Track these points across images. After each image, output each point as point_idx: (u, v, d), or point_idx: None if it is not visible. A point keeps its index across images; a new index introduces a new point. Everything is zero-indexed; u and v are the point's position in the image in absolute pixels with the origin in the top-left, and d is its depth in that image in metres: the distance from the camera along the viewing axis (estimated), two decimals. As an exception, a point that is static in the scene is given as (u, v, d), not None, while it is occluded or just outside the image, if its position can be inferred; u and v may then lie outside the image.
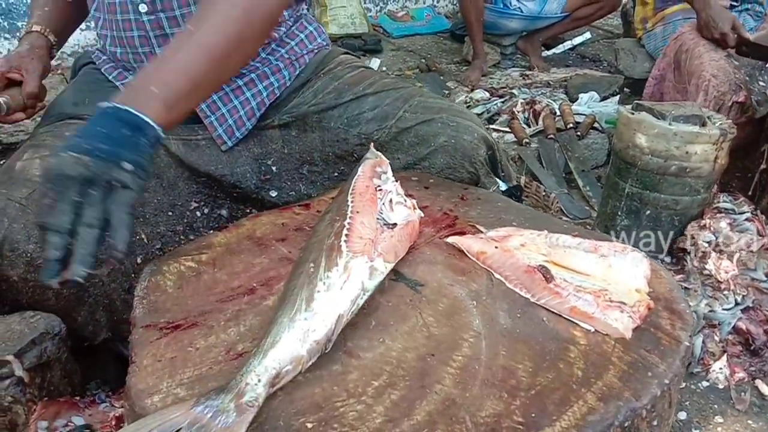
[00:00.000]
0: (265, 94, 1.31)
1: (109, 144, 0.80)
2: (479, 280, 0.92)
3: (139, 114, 0.84)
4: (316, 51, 1.39)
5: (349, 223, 0.89)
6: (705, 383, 1.50)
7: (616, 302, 0.85)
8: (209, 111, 1.28)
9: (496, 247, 0.93)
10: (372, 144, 1.16)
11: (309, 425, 0.69)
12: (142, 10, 1.19)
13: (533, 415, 0.70)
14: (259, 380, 0.70)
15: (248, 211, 1.34)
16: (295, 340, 0.74)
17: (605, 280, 0.89)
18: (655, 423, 0.76)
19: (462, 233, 1.03)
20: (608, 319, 0.83)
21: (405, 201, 1.01)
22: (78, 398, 1.18)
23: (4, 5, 3.37)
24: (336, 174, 1.34)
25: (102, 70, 1.33)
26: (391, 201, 0.99)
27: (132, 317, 0.88)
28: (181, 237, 1.21)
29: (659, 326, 0.85)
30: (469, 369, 0.77)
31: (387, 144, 1.29)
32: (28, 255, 1.10)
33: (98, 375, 1.36)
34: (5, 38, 3.42)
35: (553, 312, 0.86)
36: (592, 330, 0.83)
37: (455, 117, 1.29)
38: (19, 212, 1.10)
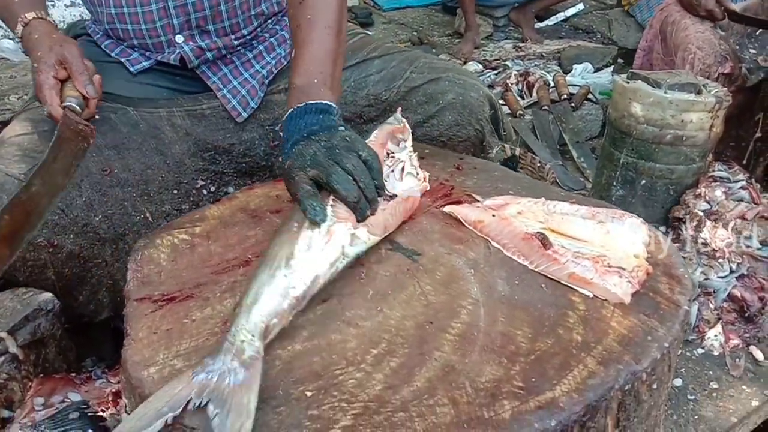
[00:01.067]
0: (273, 63, 1.32)
1: (318, 124, 0.93)
2: (476, 248, 0.92)
3: (320, 101, 0.97)
4: None
5: None
6: (700, 350, 1.51)
7: (614, 267, 0.84)
8: (221, 83, 1.27)
9: (493, 215, 0.92)
10: (400, 109, 1.15)
11: (308, 393, 0.68)
12: None
13: (533, 379, 0.70)
14: (253, 336, 0.70)
15: None
16: (276, 296, 0.75)
17: (603, 246, 0.88)
18: (654, 386, 0.76)
19: (458, 202, 1.02)
20: (607, 285, 0.83)
21: (417, 173, 0.99)
22: (74, 375, 1.17)
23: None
24: None
25: (102, 45, 1.30)
26: (402, 170, 0.97)
27: (125, 290, 0.87)
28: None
29: (658, 291, 0.84)
30: (468, 336, 0.76)
31: (395, 103, 1.30)
32: None
33: (94, 352, 1.36)
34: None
35: (551, 279, 0.85)
36: (591, 296, 0.83)
37: (461, 75, 1.32)
38: (17, 188, 1.08)
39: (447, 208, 0.99)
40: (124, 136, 1.22)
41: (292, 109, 0.97)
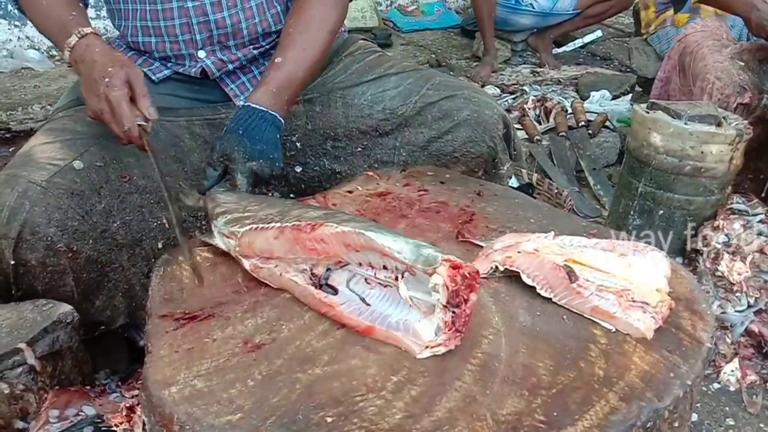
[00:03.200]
0: None
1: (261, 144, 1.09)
2: (495, 277, 0.91)
3: (275, 114, 1.14)
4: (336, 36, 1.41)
5: None
6: (716, 385, 1.49)
7: (638, 302, 0.84)
8: (239, 91, 1.32)
9: (518, 252, 0.91)
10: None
11: (329, 419, 0.68)
12: None
13: (555, 414, 0.70)
14: None
15: (272, 194, 1.35)
16: None
17: (627, 279, 0.87)
18: (676, 424, 0.75)
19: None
20: (630, 319, 0.82)
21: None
22: (89, 388, 1.18)
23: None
24: (359, 149, 1.37)
25: None
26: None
27: (147, 307, 0.87)
28: (203, 223, 1.20)
29: (680, 327, 0.84)
30: (489, 366, 0.76)
31: (411, 118, 1.33)
32: (49, 239, 1.10)
33: (108, 364, 1.36)
34: (15, 26, 3.42)
35: (573, 311, 0.85)
36: (613, 330, 0.83)
37: (476, 93, 1.36)
38: (40, 195, 1.10)
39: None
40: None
41: (258, 105, 1.13)
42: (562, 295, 0.85)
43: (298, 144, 1.36)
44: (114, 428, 1.05)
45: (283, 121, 1.16)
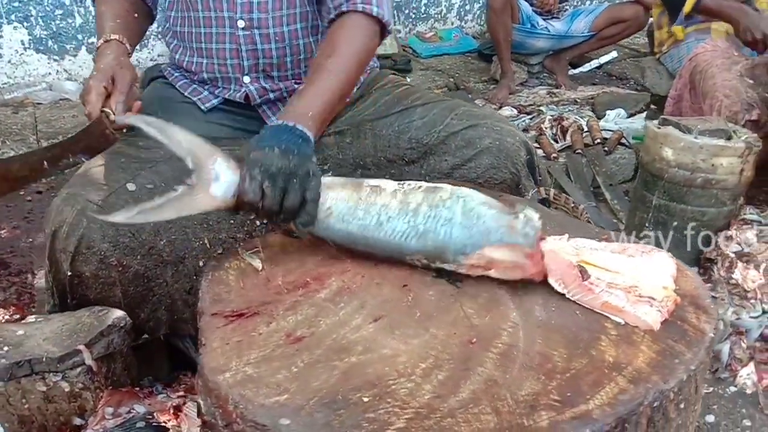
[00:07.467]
0: None
1: (297, 147, 1.04)
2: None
3: (304, 129, 1.10)
4: (368, 72, 1.52)
5: None
6: (733, 388, 1.54)
7: (645, 297, 0.91)
8: None
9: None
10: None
11: (365, 399, 0.76)
12: (240, 26, 1.33)
13: (569, 394, 0.77)
14: None
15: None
16: None
17: (634, 277, 0.95)
18: (682, 406, 0.82)
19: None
20: (638, 313, 0.89)
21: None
22: (137, 389, 1.27)
23: (54, 28, 3.56)
24: (387, 177, 1.44)
25: (176, 86, 1.45)
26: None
27: (199, 307, 0.97)
28: (240, 244, 1.30)
29: (685, 319, 0.91)
30: (509, 354, 0.84)
31: (435, 147, 1.40)
32: (102, 253, 1.21)
33: (150, 371, 1.45)
34: (54, 60, 3.61)
35: (585, 306, 0.93)
36: (622, 323, 0.90)
37: (498, 123, 1.41)
38: (96, 213, 1.21)
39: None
40: (190, 170, 1.34)
41: (280, 122, 1.11)
42: (575, 291, 0.93)
43: (330, 173, 1.43)
44: (164, 424, 1.15)
45: (310, 134, 1.13)
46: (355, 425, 0.73)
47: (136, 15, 1.41)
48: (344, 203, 1.01)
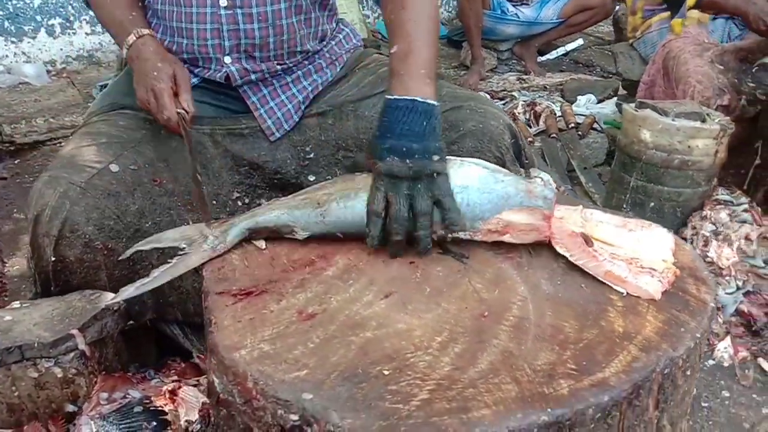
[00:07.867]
0: (309, 89, 1.41)
1: (418, 141, 0.98)
2: (518, 252, 1.01)
3: (426, 101, 1.02)
4: (352, 50, 1.50)
5: None
6: (711, 362, 1.60)
7: (646, 268, 0.93)
8: (259, 104, 1.36)
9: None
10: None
11: (386, 372, 0.76)
12: (222, 5, 1.29)
13: (584, 363, 0.79)
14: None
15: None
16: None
17: (635, 250, 0.97)
18: (688, 372, 0.85)
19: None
20: (639, 283, 0.92)
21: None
22: (130, 374, 1.24)
23: (11, 9, 3.42)
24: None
25: None
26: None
27: (204, 287, 0.95)
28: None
29: (686, 290, 0.94)
30: (521, 327, 0.85)
31: None
32: (87, 236, 1.17)
33: (137, 358, 1.42)
34: (12, 42, 3.47)
35: (590, 279, 0.94)
36: (625, 293, 0.92)
37: (482, 105, 1.39)
38: (79, 195, 1.17)
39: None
40: (172, 150, 1.31)
41: (397, 98, 1.03)
42: (578, 256, 0.94)
43: (311, 154, 1.42)
44: (161, 408, 1.13)
45: (433, 100, 1.05)
46: (378, 397, 0.73)
47: (140, 3, 1.38)
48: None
